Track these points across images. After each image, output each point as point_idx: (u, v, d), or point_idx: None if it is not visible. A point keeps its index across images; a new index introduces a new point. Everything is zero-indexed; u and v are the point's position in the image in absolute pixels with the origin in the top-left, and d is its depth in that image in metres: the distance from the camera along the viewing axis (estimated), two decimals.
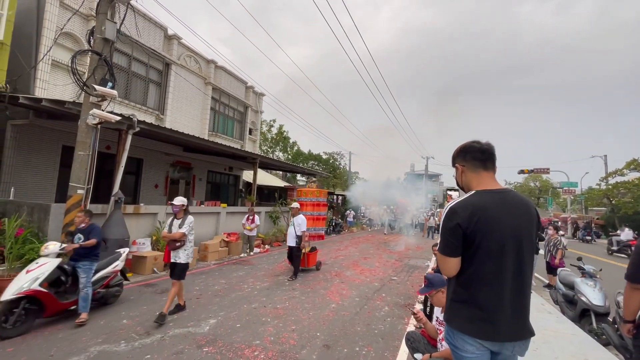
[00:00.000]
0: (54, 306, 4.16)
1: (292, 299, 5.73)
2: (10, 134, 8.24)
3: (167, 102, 12.55)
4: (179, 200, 4.80)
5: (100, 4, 6.32)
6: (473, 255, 1.65)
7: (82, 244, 4.35)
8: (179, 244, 4.62)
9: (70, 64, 6.02)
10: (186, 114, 13.53)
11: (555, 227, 8.03)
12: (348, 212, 21.06)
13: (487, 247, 1.62)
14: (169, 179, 13.06)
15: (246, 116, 17.59)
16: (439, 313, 2.82)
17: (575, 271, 5.58)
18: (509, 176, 49.41)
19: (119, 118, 6.31)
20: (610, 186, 25.76)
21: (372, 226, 24.08)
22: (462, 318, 1.68)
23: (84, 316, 4.26)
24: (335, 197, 23.92)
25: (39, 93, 8.23)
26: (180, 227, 4.66)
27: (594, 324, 4.36)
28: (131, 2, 6.91)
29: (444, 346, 2.60)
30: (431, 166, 40.96)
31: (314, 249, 8.15)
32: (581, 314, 4.71)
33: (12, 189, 7.70)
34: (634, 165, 24.08)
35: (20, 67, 7.95)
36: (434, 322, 2.98)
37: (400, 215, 22.27)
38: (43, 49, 8.29)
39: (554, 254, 7.11)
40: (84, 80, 6.07)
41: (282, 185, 21.46)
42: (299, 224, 7.33)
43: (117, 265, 5.10)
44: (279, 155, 33.88)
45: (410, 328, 4.43)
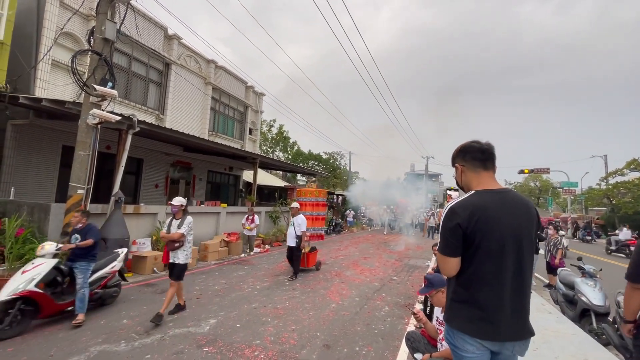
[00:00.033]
0: (50, 307, 4.11)
1: (292, 299, 5.73)
2: (11, 134, 8.25)
3: (167, 102, 12.55)
4: (178, 201, 4.77)
5: (100, 4, 6.32)
6: (473, 255, 1.65)
7: (79, 244, 4.30)
8: (177, 244, 4.59)
9: (70, 64, 6.03)
10: (186, 113, 13.53)
11: (556, 227, 8.04)
12: (348, 212, 21.06)
13: (487, 247, 1.62)
14: (169, 179, 13.07)
15: (246, 116, 17.59)
16: (439, 313, 2.82)
17: (576, 271, 5.59)
18: (509, 176, 49.47)
19: (119, 118, 6.32)
20: (610, 186, 25.76)
21: (372, 226, 24.08)
22: (462, 318, 1.68)
23: (81, 317, 4.21)
24: (335, 197, 23.92)
25: (39, 93, 8.24)
26: (179, 228, 4.63)
27: (594, 324, 4.36)
28: (131, 2, 6.92)
29: (444, 346, 2.60)
30: (431, 166, 40.98)
31: (313, 249, 8.15)
32: (581, 314, 4.71)
33: (12, 189, 7.71)
34: (634, 165, 24.08)
35: (20, 67, 7.95)
36: (434, 322, 2.98)
37: (400, 215, 22.26)
38: (43, 48, 8.29)
39: (554, 253, 7.11)
40: (84, 80, 6.07)
41: (282, 185, 21.46)
42: (299, 224, 7.32)
43: (114, 265, 5.04)
44: (279, 155, 33.90)
45: (411, 328, 4.43)
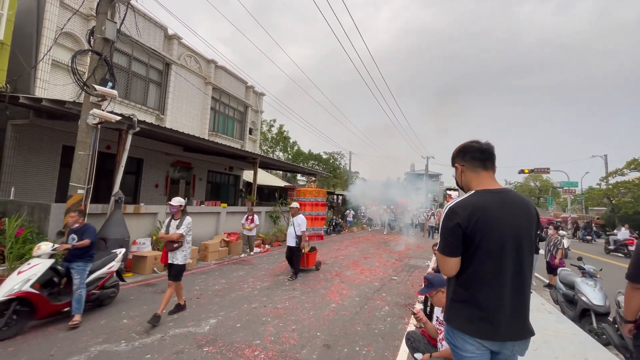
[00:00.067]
0: (46, 308, 4.06)
1: (292, 299, 5.73)
2: (11, 134, 8.25)
3: (167, 102, 12.55)
4: (177, 201, 4.74)
5: (100, 4, 6.32)
6: (473, 255, 1.65)
7: (76, 244, 4.25)
8: (176, 245, 4.56)
9: (70, 64, 6.02)
10: (186, 113, 13.53)
11: (556, 227, 8.03)
12: (348, 211, 21.06)
13: (487, 247, 1.62)
14: (169, 179, 13.07)
15: (246, 116, 17.59)
16: (439, 313, 2.82)
17: (576, 271, 5.58)
18: (509, 176, 49.52)
19: (119, 118, 6.32)
20: (610, 186, 25.75)
21: (372, 226, 24.08)
22: (462, 318, 1.68)
23: (77, 318, 4.15)
24: (335, 196, 23.92)
25: (39, 93, 8.24)
26: (178, 228, 4.60)
27: (594, 324, 4.36)
28: (131, 2, 6.91)
29: (444, 346, 2.60)
30: (431, 166, 40.97)
31: (313, 249, 8.15)
32: (581, 314, 4.71)
33: (13, 189, 7.71)
34: (634, 165, 24.07)
35: (20, 67, 7.96)
36: (434, 322, 2.98)
37: (400, 215, 22.26)
38: (43, 48, 8.30)
39: (554, 253, 7.11)
40: (84, 80, 6.07)
41: (282, 185, 21.46)
42: (299, 224, 7.32)
43: (112, 266, 4.98)
44: (279, 155, 33.91)
45: (411, 328, 4.43)
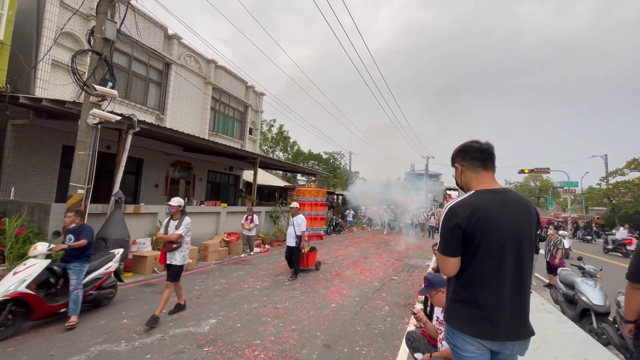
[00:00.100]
0: (42, 309, 4.01)
1: (293, 299, 5.73)
2: (11, 134, 8.25)
3: (167, 101, 12.55)
4: (176, 201, 4.70)
5: (100, 4, 6.32)
6: (473, 255, 1.65)
7: (72, 244, 4.20)
8: (175, 245, 4.53)
9: (70, 64, 6.02)
10: (186, 113, 13.53)
11: (556, 227, 8.03)
12: (348, 211, 21.05)
13: (487, 247, 1.62)
14: (169, 179, 13.07)
15: (246, 116, 17.59)
16: (439, 313, 2.82)
17: (576, 271, 5.58)
18: (509, 176, 49.57)
19: (119, 118, 6.31)
20: (610, 186, 25.74)
21: (372, 226, 24.07)
22: (462, 318, 1.68)
23: (74, 319, 4.11)
24: (335, 196, 23.91)
25: (39, 93, 8.24)
26: (177, 229, 4.57)
27: (595, 324, 4.36)
28: (131, 1, 6.91)
29: (444, 346, 2.60)
30: (431, 166, 40.96)
31: (313, 249, 8.14)
32: (581, 314, 4.71)
33: (13, 189, 7.71)
34: (635, 164, 24.06)
35: (20, 67, 7.96)
36: (434, 322, 2.98)
37: (400, 215, 22.24)
38: (43, 48, 8.30)
39: (554, 253, 7.11)
40: (84, 80, 6.07)
41: (283, 185, 21.46)
42: (299, 224, 7.32)
43: (110, 266, 4.94)
44: (279, 155, 33.92)
45: (411, 328, 4.43)
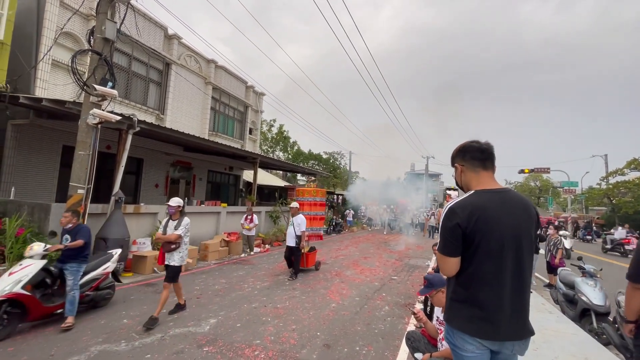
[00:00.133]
0: (38, 310, 3.96)
1: (293, 299, 5.73)
2: (11, 134, 8.25)
3: (168, 101, 12.56)
4: (175, 202, 4.66)
5: (100, 4, 6.32)
6: (473, 255, 1.65)
7: (68, 245, 4.16)
8: (174, 246, 4.49)
9: (70, 64, 6.02)
10: (186, 113, 13.53)
11: (556, 227, 8.03)
12: (347, 211, 21.04)
13: (487, 247, 1.62)
14: (169, 179, 13.07)
15: (246, 116, 17.59)
16: (440, 313, 2.82)
17: (576, 271, 5.58)
18: (509, 175, 49.61)
19: (119, 118, 6.31)
20: (610, 186, 25.73)
21: (372, 226, 24.06)
22: (462, 317, 1.68)
23: (70, 320, 4.06)
24: (335, 196, 23.90)
25: (39, 93, 8.24)
26: (176, 229, 4.52)
27: (595, 324, 4.36)
28: (131, 1, 6.91)
29: (444, 346, 2.60)
30: (431, 166, 40.94)
31: (312, 249, 8.15)
32: (582, 314, 4.71)
33: (13, 189, 7.71)
34: (635, 164, 24.04)
35: (20, 67, 7.96)
36: (434, 322, 2.98)
37: (400, 215, 22.23)
38: (43, 48, 8.30)
39: (554, 253, 7.11)
40: (84, 80, 6.07)
41: (283, 185, 21.46)
42: (299, 223, 7.32)
43: (107, 267, 4.89)
44: (279, 155, 33.93)
45: (411, 327, 4.43)
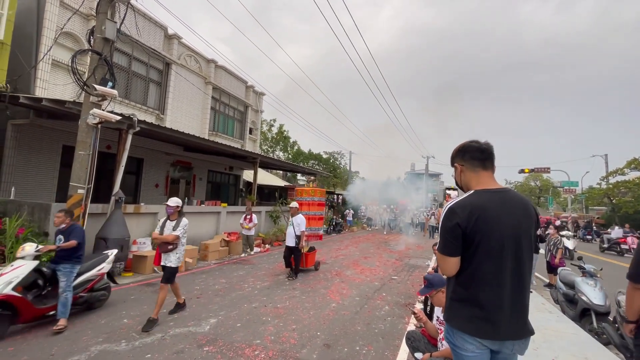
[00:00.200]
0: (29, 312, 3.88)
1: (293, 299, 5.73)
2: (11, 134, 8.25)
3: (168, 101, 12.55)
4: (174, 202, 4.62)
5: (100, 4, 6.31)
6: (472, 255, 1.65)
7: (61, 245, 4.08)
8: (171, 246, 4.44)
9: (70, 64, 6.02)
10: (186, 113, 13.53)
11: (556, 227, 8.03)
12: (347, 211, 21.03)
13: (487, 247, 1.62)
14: (169, 179, 13.07)
15: (246, 116, 17.59)
16: (440, 312, 2.82)
17: (576, 270, 5.58)
18: (509, 175, 49.61)
19: (119, 118, 6.31)
20: (610, 185, 25.72)
21: (372, 225, 24.06)
22: (461, 317, 1.68)
23: (62, 322, 3.98)
24: (335, 196, 23.89)
25: (39, 93, 8.24)
26: (175, 230, 4.47)
27: (595, 324, 4.36)
28: (131, 1, 6.91)
29: (444, 345, 2.60)
30: (431, 165, 40.95)
31: (312, 249, 8.14)
32: (582, 314, 4.71)
33: (13, 189, 7.71)
34: (635, 164, 24.03)
35: (20, 66, 7.96)
36: (434, 322, 2.98)
37: (400, 215, 22.23)
38: (43, 48, 8.30)
39: (554, 253, 7.12)
40: (84, 79, 6.07)
41: (283, 185, 21.45)
42: (298, 223, 7.31)
43: (102, 267, 4.81)
44: (279, 154, 33.94)
45: (411, 327, 4.43)
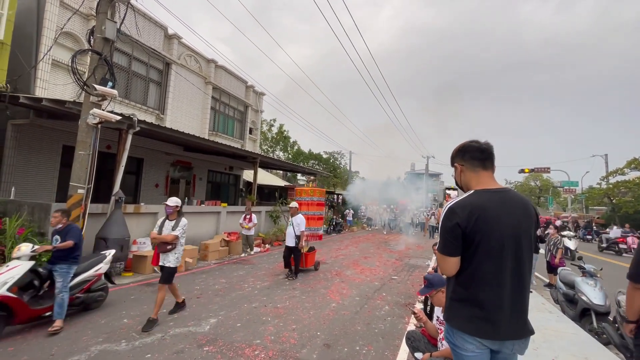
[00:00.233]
0: (24, 313, 3.84)
1: (293, 299, 5.73)
2: (11, 134, 8.25)
3: (168, 101, 12.55)
4: (173, 202, 4.57)
5: (100, 4, 6.31)
6: (472, 255, 1.65)
7: (58, 245, 4.04)
8: (170, 247, 4.41)
9: (70, 64, 6.02)
10: (186, 113, 13.53)
11: (557, 227, 8.04)
12: (347, 211, 21.03)
13: (487, 247, 1.63)
14: (169, 179, 13.07)
15: (246, 115, 17.59)
16: (440, 312, 2.82)
17: (576, 270, 5.58)
18: (509, 175, 49.64)
19: (119, 117, 6.32)
20: (610, 185, 25.72)
21: (372, 225, 24.06)
22: (461, 317, 1.68)
23: (58, 324, 3.94)
24: (335, 196, 23.89)
25: (39, 93, 8.24)
26: (174, 230, 4.44)
27: (595, 323, 4.36)
28: (131, 1, 6.91)
29: (444, 345, 2.61)
30: (431, 165, 40.97)
31: (312, 249, 8.14)
32: (582, 313, 4.71)
33: (13, 189, 7.71)
34: (635, 164, 24.02)
35: (20, 66, 7.96)
36: (434, 322, 2.98)
37: (399, 215, 22.23)
38: (43, 48, 8.30)
39: (554, 253, 7.12)
40: (84, 79, 6.07)
41: (283, 185, 21.45)
42: (298, 223, 7.30)
43: (100, 268, 4.77)
44: (280, 154, 33.93)
45: (411, 327, 4.43)
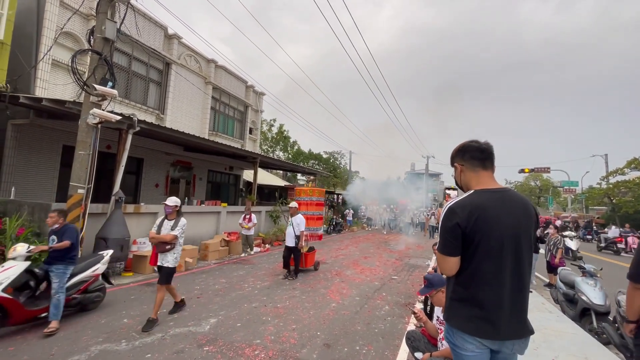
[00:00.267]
0: (20, 313, 3.79)
1: (293, 298, 5.73)
2: (11, 134, 8.26)
3: (168, 101, 12.55)
4: (173, 201, 4.54)
5: (100, 4, 6.32)
6: (472, 255, 1.65)
7: (54, 246, 4.01)
8: (169, 247, 4.39)
9: (70, 64, 6.02)
10: (186, 113, 13.53)
11: (558, 228, 8.04)
12: (347, 211, 21.04)
13: (487, 246, 1.63)
14: (169, 179, 13.08)
15: (246, 115, 17.59)
16: (440, 312, 2.82)
17: (576, 270, 5.59)
18: (509, 175, 49.66)
19: (119, 117, 6.32)
20: (611, 185, 25.71)
21: (372, 225, 24.06)
22: (461, 317, 1.68)
23: (54, 325, 3.89)
24: (335, 196, 23.89)
25: (39, 93, 8.24)
26: (173, 229, 4.43)
27: (595, 323, 4.36)
28: (131, 1, 6.91)
29: (444, 345, 2.61)
30: (431, 165, 40.92)
31: (312, 249, 8.14)
32: (582, 313, 4.71)
33: (13, 189, 7.71)
34: (635, 164, 24.00)
35: (20, 66, 7.96)
36: (434, 321, 2.98)
37: (399, 215, 22.23)
38: (43, 48, 8.30)
39: (554, 253, 7.12)
40: (84, 79, 6.07)
41: (283, 185, 21.46)
42: (298, 223, 7.29)
43: (97, 268, 4.73)
44: (280, 154, 33.95)
45: (411, 327, 4.43)
